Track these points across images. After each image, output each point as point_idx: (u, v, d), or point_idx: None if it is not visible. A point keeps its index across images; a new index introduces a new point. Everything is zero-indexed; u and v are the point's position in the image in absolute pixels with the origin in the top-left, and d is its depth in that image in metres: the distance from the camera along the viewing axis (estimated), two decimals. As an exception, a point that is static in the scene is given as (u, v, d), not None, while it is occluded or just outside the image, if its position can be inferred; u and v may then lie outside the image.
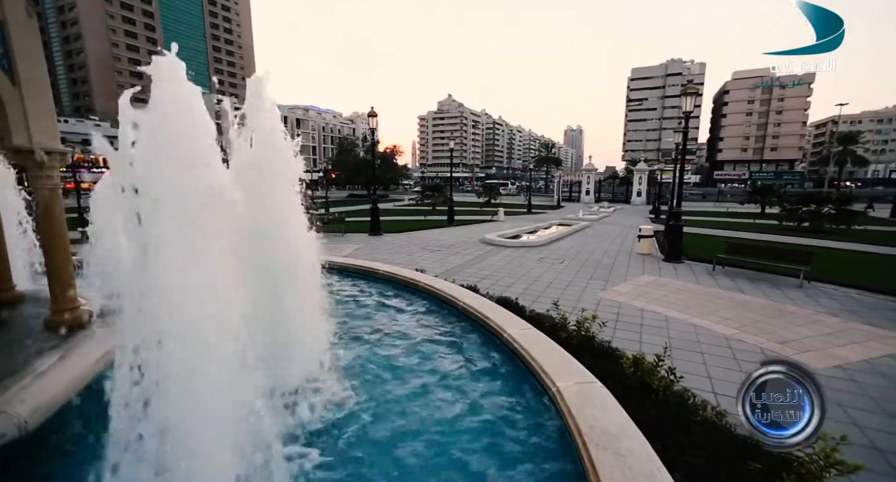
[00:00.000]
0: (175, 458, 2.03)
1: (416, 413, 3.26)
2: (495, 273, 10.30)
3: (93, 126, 57.96)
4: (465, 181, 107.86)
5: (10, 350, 3.44)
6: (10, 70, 3.60)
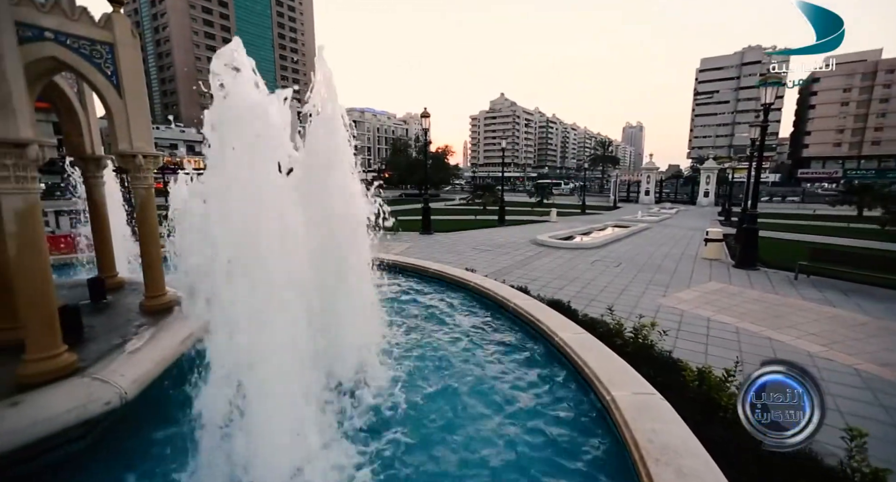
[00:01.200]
0: (250, 426, 2.24)
1: (460, 412, 3.27)
2: (546, 275, 10.05)
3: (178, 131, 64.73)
4: (516, 181, 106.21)
5: (113, 329, 3.95)
6: (117, 84, 4.12)
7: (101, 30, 3.92)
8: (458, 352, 4.47)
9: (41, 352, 2.90)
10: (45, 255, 3.03)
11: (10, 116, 2.69)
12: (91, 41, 3.85)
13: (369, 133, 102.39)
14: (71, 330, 3.41)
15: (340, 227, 3.71)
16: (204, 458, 2.29)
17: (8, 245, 2.87)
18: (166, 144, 51.10)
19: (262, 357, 2.32)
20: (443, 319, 5.53)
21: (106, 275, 5.35)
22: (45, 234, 3.12)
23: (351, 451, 2.66)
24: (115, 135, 4.25)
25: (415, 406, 3.35)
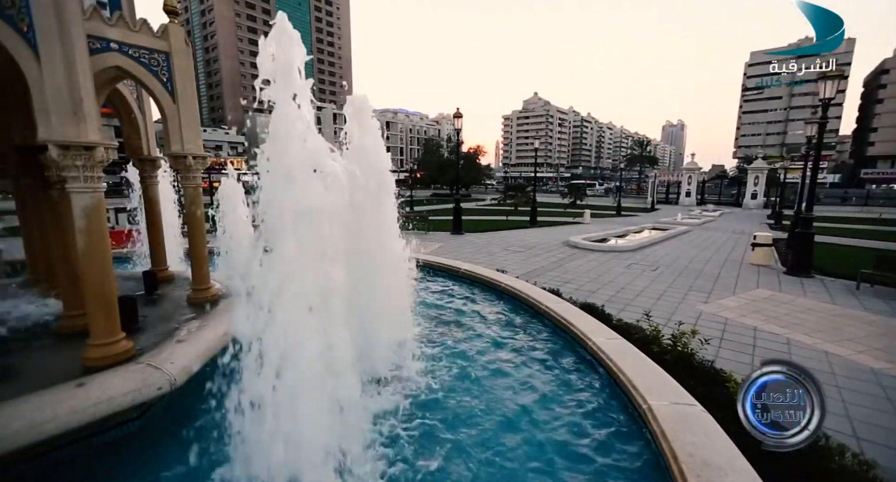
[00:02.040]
0: (285, 412, 2.37)
1: (487, 418, 3.23)
2: (579, 277, 9.81)
3: (223, 134, 68.31)
4: (549, 181, 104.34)
5: (164, 319, 4.23)
6: (171, 90, 4.40)
7: (159, 39, 4.20)
8: (486, 354, 4.43)
9: (103, 339, 3.15)
10: (108, 249, 3.28)
11: (81, 121, 2.93)
12: (150, 50, 4.13)
13: (401, 133, 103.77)
14: (128, 319, 3.68)
15: (374, 231, 3.79)
16: (247, 438, 2.41)
17: (77, 239, 3.13)
18: (212, 146, 54.08)
19: (300, 347, 2.42)
20: (472, 320, 5.52)
21: (158, 269, 5.73)
22: (107, 229, 3.37)
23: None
24: (169, 137, 4.54)
25: (439, 406, 3.36)
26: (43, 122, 2.87)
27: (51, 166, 3.03)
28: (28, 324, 4.03)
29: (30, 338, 3.73)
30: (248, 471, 2.41)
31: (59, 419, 2.43)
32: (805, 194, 12.40)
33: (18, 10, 2.73)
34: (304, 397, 2.42)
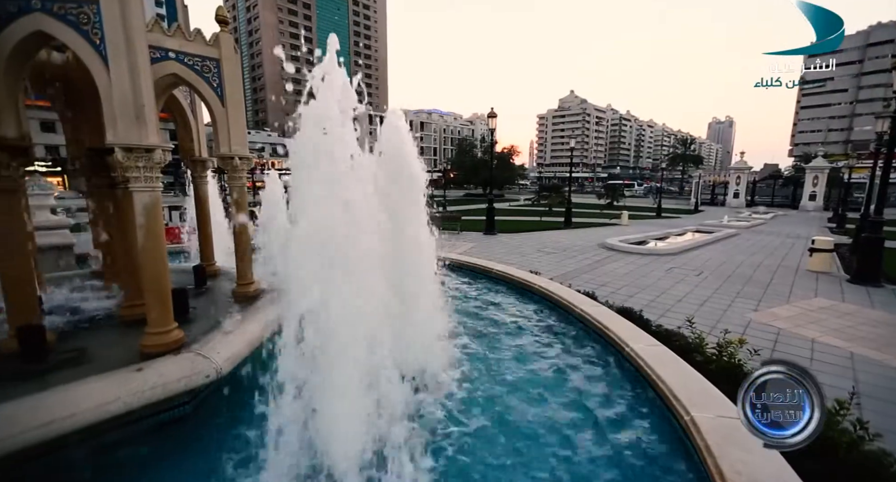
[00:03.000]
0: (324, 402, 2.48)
1: (518, 428, 3.18)
2: (616, 280, 9.48)
3: (266, 136, 71.57)
4: (584, 182, 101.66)
5: (212, 312, 4.48)
6: (221, 95, 4.66)
7: (211, 47, 4.46)
8: (518, 356, 4.38)
9: (158, 328, 3.38)
10: (164, 244, 3.52)
11: (143, 126, 3.17)
12: (203, 58, 4.40)
13: (435, 134, 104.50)
14: (180, 310, 3.93)
15: (408, 230, 3.85)
16: (285, 424, 2.54)
17: (137, 234, 3.38)
18: (255, 147, 56.84)
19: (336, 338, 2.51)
20: (503, 322, 5.47)
21: (206, 264, 6.09)
22: (164, 225, 3.63)
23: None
24: (218, 139, 4.82)
25: (469, 410, 3.34)
26: (110, 127, 3.12)
27: (116, 167, 3.29)
28: (96, 312, 4.40)
29: (97, 324, 4.07)
30: (287, 455, 2.52)
31: (121, 400, 2.65)
32: (874, 195, 11.33)
33: (93, 26, 2.99)
34: (338, 389, 2.51)
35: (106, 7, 2.98)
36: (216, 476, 2.56)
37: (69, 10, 2.98)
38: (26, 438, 2.31)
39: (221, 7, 4.78)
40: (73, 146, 4.79)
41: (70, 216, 8.38)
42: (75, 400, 2.57)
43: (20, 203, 3.45)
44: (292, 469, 2.47)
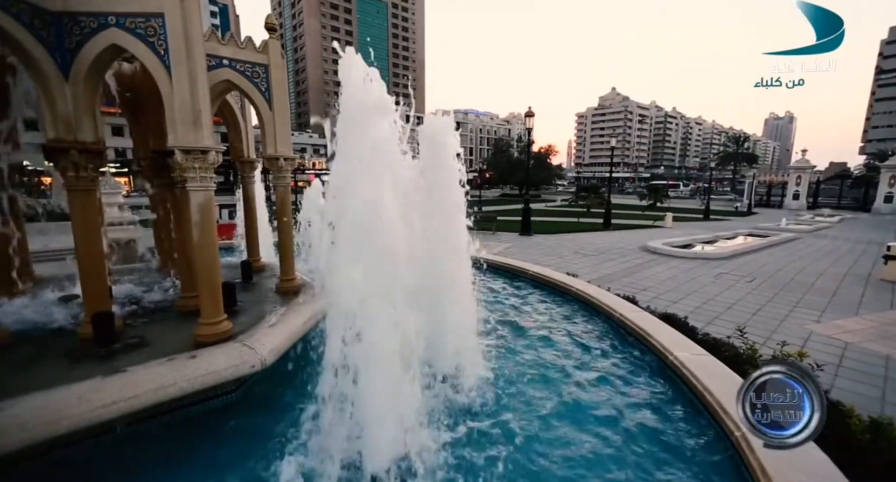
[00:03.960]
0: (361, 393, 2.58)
1: (552, 439, 3.10)
2: (658, 285, 9.06)
3: (307, 137, 74.46)
4: (625, 182, 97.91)
5: (257, 304, 4.72)
6: (269, 99, 4.89)
7: (260, 54, 4.69)
8: (554, 363, 4.27)
9: (209, 319, 3.60)
10: (216, 240, 3.75)
11: (199, 129, 3.39)
12: (253, 64, 4.64)
13: (471, 134, 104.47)
14: (229, 302, 4.17)
15: (443, 228, 3.87)
16: (324, 411, 2.65)
17: (192, 231, 3.62)
18: (298, 148, 59.34)
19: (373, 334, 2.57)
20: (539, 325, 5.37)
21: (252, 259, 6.41)
22: (216, 222, 3.86)
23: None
24: (265, 141, 5.06)
25: (498, 419, 3.30)
26: (171, 131, 3.36)
27: (175, 168, 3.54)
28: (156, 302, 4.76)
29: (157, 314, 4.40)
30: (327, 442, 2.64)
31: (177, 384, 2.85)
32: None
33: (158, 37, 3.23)
34: (375, 385, 2.57)
35: (170, 20, 3.21)
36: (263, 459, 2.70)
37: (138, 24, 3.24)
38: (95, 416, 2.54)
39: (271, 15, 5.01)
40: (139, 149, 5.21)
41: (135, 213, 9.11)
42: (138, 382, 2.79)
43: (95, 201, 3.79)
44: (330, 456, 2.57)
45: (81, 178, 3.55)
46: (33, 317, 4.12)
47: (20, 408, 2.42)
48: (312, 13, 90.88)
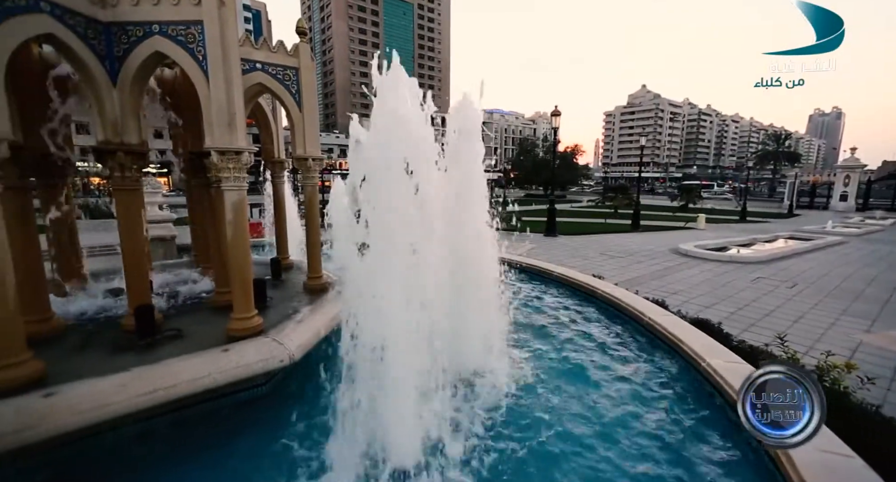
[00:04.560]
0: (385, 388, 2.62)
1: (581, 441, 3.03)
2: (690, 289, 8.72)
3: (334, 138, 76.10)
4: (655, 182, 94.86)
5: (285, 301, 4.86)
6: (299, 101, 5.03)
7: (291, 57, 4.82)
8: (578, 368, 4.17)
9: (241, 314, 3.74)
10: (248, 238, 3.88)
11: (234, 131, 3.52)
12: (284, 67, 4.78)
13: (496, 133, 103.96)
14: (259, 299, 4.31)
15: (467, 229, 3.86)
16: (348, 406, 2.70)
17: (226, 229, 3.76)
18: (325, 149, 60.75)
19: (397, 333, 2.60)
20: (563, 328, 5.28)
21: (282, 257, 6.60)
22: (248, 221, 4.00)
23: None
24: (294, 142, 5.20)
25: (521, 427, 3.25)
26: (208, 133, 3.51)
27: (211, 168, 3.69)
28: (191, 296, 4.99)
29: (192, 307, 4.61)
30: (350, 437, 2.69)
31: (211, 376, 2.97)
32: None
33: (197, 44, 3.38)
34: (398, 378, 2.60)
35: (208, 27, 3.35)
36: (289, 450, 2.79)
37: (180, 32, 3.39)
38: (137, 403, 2.68)
39: (301, 20, 5.16)
40: (177, 150, 5.46)
41: (173, 211, 9.57)
42: (175, 372, 2.93)
43: (139, 200, 4.01)
44: (355, 449, 2.62)
45: (126, 178, 3.76)
46: (83, 308, 4.41)
47: (72, 393, 2.59)
48: (340, 16, 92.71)
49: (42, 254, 3.88)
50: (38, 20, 2.92)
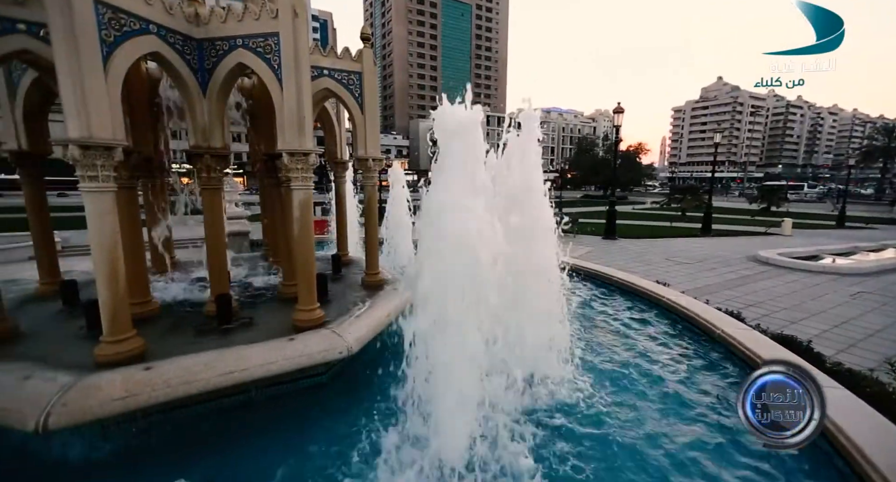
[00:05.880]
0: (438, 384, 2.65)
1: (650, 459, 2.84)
2: (771, 301, 7.85)
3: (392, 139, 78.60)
4: (731, 183, 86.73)
5: (344, 296, 5.10)
6: (361, 104, 5.24)
7: (355, 62, 5.04)
8: (643, 383, 3.91)
9: (306, 306, 3.98)
10: (313, 235, 4.13)
11: (303, 134, 3.76)
12: (348, 72, 5.01)
13: (553, 133, 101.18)
14: (321, 292, 4.55)
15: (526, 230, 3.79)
16: (404, 396, 2.79)
17: (293, 226, 4.03)
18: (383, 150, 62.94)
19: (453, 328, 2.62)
20: (624, 337, 5.00)
21: (342, 253, 6.93)
22: (313, 219, 4.24)
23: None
24: (356, 143, 5.44)
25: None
26: (280, 136, 3.78)
27: (282, 169, 3.97)
28: (262, 288, 5.41)
29: (262, 298, 4.99)
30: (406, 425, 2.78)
31: (279, 363, 3.20)
32: None
33: (273, 54, 3.66)
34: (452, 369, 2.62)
35: (284, 37, 3.60)
36: (349, 437, 2.94)
37: (259, 44, 3.69)
38: (217, 381, 2.96)
39: (365, 26, 5.38)
40: (253, 152, 5.95)
41: (247, 209, 10.45)
42: (248, 357, 3.19)
43: (220, 198, 4.42)
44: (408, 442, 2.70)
45: (212, 179, 4.16)
46: (173, 294, 4.96)
47: (165, 368, 2.93)
48: (400, 21, 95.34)
49: (144, 245, 4.42)
50: (149, 40, 3.33)
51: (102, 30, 2.92)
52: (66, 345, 3.48)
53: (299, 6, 3.64)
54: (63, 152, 2.86)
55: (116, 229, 3.08)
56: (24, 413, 2.49)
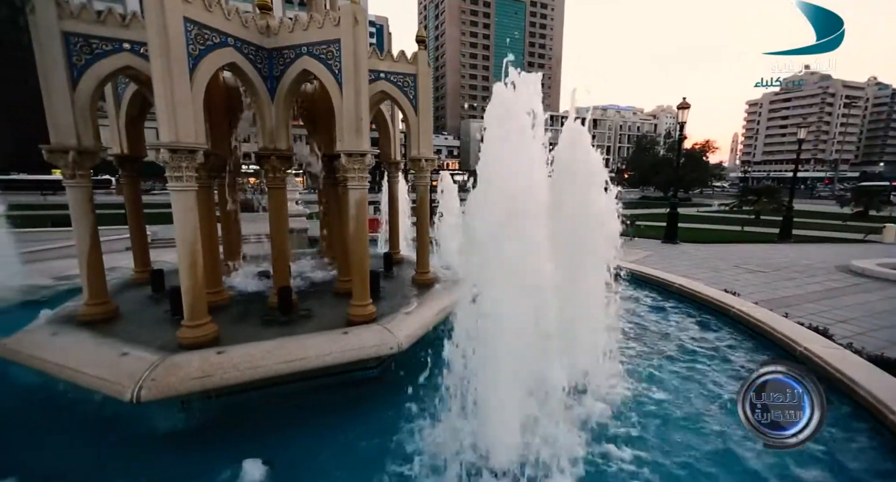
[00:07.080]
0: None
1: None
2: (866, 318, 6.90)
3: (443, 139, 79.48)
4: (817, 183, 77.74)
5: (395, 293, 5.23)
6: (415, 105, 5.35)
7: (410, 65, 5.15)
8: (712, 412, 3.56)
9: (359, 301, 4.14)
10: (367, 233, 4.28)
11: (360, 135, 3.91)
12: (403, 75, 5.13)
13: (610, 131, 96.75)
14: (373, 289, 4.71)
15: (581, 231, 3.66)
16: (450, 391, 2.82)
17: (349, 224, 4.21)
18: (434, 150, 63.82)
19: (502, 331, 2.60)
20: (685, 352, 4.63)
21: (393, 252, 7.12)
22: (368, 217, 4.40)
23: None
24: (409, 144, 5.56)
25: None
26: (339, 137, 3.96)
27: (340, 169, 4.16)
28: (319, 282, 5.71)
29: (319, 292, 5.27)
30: (453, 425, 2.80)
31: (334, 354, 3.37)
32: None
33: (335, 60, 3.85)
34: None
35: (344, 43, 3.78)
36: (398, 429, 3.04)
37: (322, 51, 3.90)
38: (277, 368, 3.18)
39: (421, 28, 5.49)
40: (312, 154, 6.29)
41: (306, 207, 11.09)
42: (306, 347, 3.39)
43: (284, 197, 4.74)
44: (455, 437, 2.72)
45: (276, 179, 4.46)
46: (241, 285, 5.38)
47: (235, 353, 3.19)
48: (454, 22, 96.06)
49: (218, 239, 4.85)
50: (227, 52, 3.65)
51: (189, 45, 3.25)
52: (154, 326, 3.92)
53: (359, 13, 3.79)
54: (156, 155, 3.21)
55: (197, 225, 3.41)
56: (123, 385, 2.85)
